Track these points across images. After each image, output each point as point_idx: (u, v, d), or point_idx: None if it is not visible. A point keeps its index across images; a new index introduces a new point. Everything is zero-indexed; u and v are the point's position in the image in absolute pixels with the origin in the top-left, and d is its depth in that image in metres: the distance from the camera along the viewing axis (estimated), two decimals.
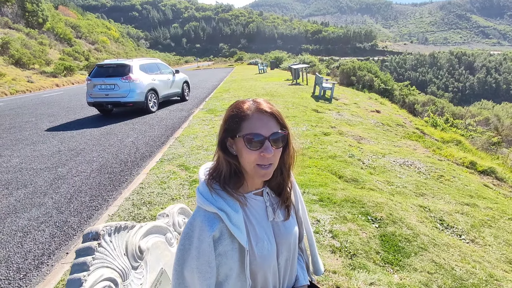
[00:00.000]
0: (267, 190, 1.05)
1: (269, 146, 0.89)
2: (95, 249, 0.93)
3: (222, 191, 0.95)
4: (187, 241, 0.90)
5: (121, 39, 61.13)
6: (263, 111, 0.91)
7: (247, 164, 0.91)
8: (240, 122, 0.90)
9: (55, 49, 30.51)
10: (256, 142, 0.88)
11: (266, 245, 0.98)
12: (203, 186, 0.97)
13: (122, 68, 8.72)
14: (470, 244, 2.90)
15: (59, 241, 2.88)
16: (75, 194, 3.87)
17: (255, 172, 0.92)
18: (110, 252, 0.99)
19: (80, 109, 10.43)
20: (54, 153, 5.58)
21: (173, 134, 6.61)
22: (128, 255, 1.07)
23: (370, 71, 19.88)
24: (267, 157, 0.89)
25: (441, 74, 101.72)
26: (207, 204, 0.91)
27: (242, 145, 0.90)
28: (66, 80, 23.82)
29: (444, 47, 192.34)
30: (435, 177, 4.72)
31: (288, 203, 1.08)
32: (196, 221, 0.92)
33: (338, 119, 8.23)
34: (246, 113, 0.91)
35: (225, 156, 0.94)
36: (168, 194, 3.56)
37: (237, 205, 0.94)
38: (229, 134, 0.93)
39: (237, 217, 0.93)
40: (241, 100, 0.96)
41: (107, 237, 1.00)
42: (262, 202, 1.03)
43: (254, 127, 0.89)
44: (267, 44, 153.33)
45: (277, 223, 1.05)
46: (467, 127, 13.80)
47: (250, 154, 0.89)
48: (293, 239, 1.08)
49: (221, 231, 0.91)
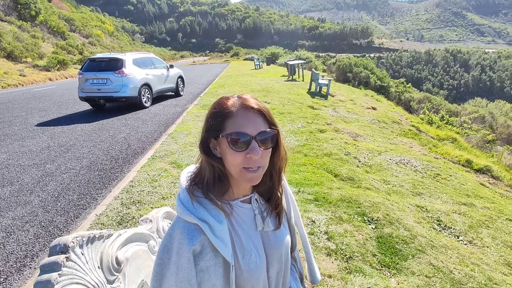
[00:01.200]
0: (256, 196, 0.95)
1: (256, 146, 0.79)
2: (62, 264, 0.82)
3: (205, 199, 0.84)
4: (165, 254, 0.80)
5: (116, 33, 60.33)
6: (249, 108, 0.81)
7: (232, 167, 0.81)
8: (223, 120, 0.80)
9: (48, 42, 29.97)
10: (241, 143, 0.78)
11: (253, 258, 0.88)
12: (183, 193, 0.86)
13: (115, 62, 8.53)
14: (468, 245, 2.84)
15: (44, 242, 2.76)
16: (63, 192, 3.75)
17: (242, 176, 0.82)
18: (81, 266, 0.88)
19: (72, 104, 10.22)
20: (43, 149, 5.43)
21: (166, 130, 6.48)
22: (103, 268, 0.97)
23: (366, 68, 19.82)
24: (254, 159, 0.79)
25: (436, 72, 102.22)
26: (186, 213, 0.81)
27: (226, 146, 0.80)
28: (59, 74, 23.42)
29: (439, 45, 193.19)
30: (431, 175, 4.66)
31: (279, 209, 0.98)
32: (175, 232, 0.81)
33: (334, 116, 8.15)
34: (230, 110, 0.80)
35: (207, 158, 0.84)
36: (159, 193, 3.44)
37: (221, 215, 0.84)
38: (211, 134, 0.83)
39: (221, 228, 0.82)
40: (225, 96, 0.86)
41: (77, 249, 0.89)
42: (250, 210, 0.93)
43: (239, 125, 0.79)
44: (263, 40, 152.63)
45: (266, 233, 0.95)
46: (462, 125, 13.82)
47: (235, 156, 0.79)
48: (285, 249, 0.99)
49: (202, 244, 0.81)
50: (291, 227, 1.06)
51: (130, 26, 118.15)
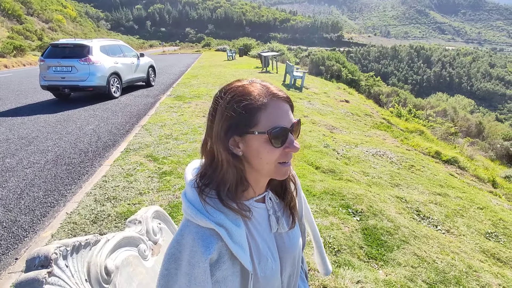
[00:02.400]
0: (270, 194, 0.85)
1: (293, 139, 0.72)
2: (43, 281, 0.68)
3: (218, 200, 0.73)
4: (172, 264, 0.68)
5: (79, 19, 56.80)
6: (280, 97, 0.71)
7: (265, 165, 0.71)
8: (255, 113, 0.68)
9: (2, 26, 27.64)
10: (281, 138, 0.69)
11: (270, 264, 0.79)
12: (192, 192, 0.74)
13: (80, 49, 7.97)
14: (446, 234, 2.93)
15: (6, 245, 2.49)
16: (26, 188, 3.43)
17: (276, 171, 0.73)
18: (66, 281, 0.74)
19: (32, 93, 9.48)
20: (1, 142, 4.97)
21: (138, 121, 6.17)
22: (91, 281, 0.83)
23: (338, 61, 20.17)
24: (292, 153, 0.73)
25: (401, 67, 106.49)
26: (200, 217, 0.69)
27: (261, 143, 0.69)
28: (16, 61, 21.68)
29: (404, 41, 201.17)
30: (406, 167, 4.80)
31: (293, 203, 0.89)
32: (186, 239, 0.69)
33: (309, 108, 8.18)
34: (261, 101, 0.69)
35: (234, 161, 0.71)
36: (135, 188, 3.24)
37: (238, 218, 0.73)
38: (238, 131, 0.70)
39: (240, 233, 0.72)
40: (244, 84, 0.72)
41: (61, 262, 0.75)
42: (264, 210, 0.83)
43: (276, 118, 0.69)
44: (235, 31, 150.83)
45: (280, 235, 0.85)
46: (427, 118, 14.49)
47: (273, 153, 0.70)
48: (298, 251, 0.90)
49: (219, 252, 0.70)
50: (302, 226, 0.99)
51: (94, 12, 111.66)
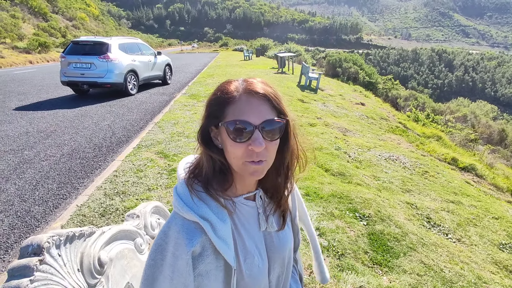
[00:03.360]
0: (261, 193, 0.85)
1: (259, 137, 0.67)
2: (34, 268, 0.70)
3: (205, 194, 0.74)
4: (159, 255, 0.69)
5: (101, 17, 58.36)
6: (253, 92, 0.70)
7: (233, 160, 0.71)
8: (224, 106, 0.70)
9: (29, 23, 28.70)
10: (243, 132, 0.67)
11: (256, 261, 0.79)
12: (182, 186, 0.75)
13: (99, 46, 8.19)
14: (457, 243, 2.84)
15: (19, 233, 2.59)
16: (41, 180, 3.55)
17: (244, 169, 0.71)
18: (57, 269, 0.77)
19: (53, 89, 9.79)
20: (21, 135, 5.16)
21: (152, 118, 6.27)
22: (84, 271, 0.85)
23: (355, 63, 19.88)
24: (257, 152, 0.68)
25: (422, 70, 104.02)
26: (186, 210, 0.70)
27: (225, 136, 0.70)
28: (41, 57, 22.49)
29: (426, 44, 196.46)
30: (420, 172, 4.68)
31: (284, 208, 0.88)
32: (172, 230, 0.71)
33: (323, 110, 8.11)
34: (232, 95, 0.70)
35: (205, 149, 0.73)
36: (145, 183, 3.30)
37: (224, 213, 0.74)
38: (211, 122, 0.72)
39: (224, 228, 0.72)
40: (229, 80, 0.75)
41: (53, 250, 0.78)
42: (253, 208, 0.83)
43: (241, 112, 0.68)
44: (253, 31, 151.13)
45: (270, 234, 0.85)
46: (446, 123, 14.08)
47: (235, 148, 0.69)
48: (288, 252, 0.90)
49: (203, 245, 0.71)
50: (295, 226, 0.98)
51: (116, 10, 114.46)
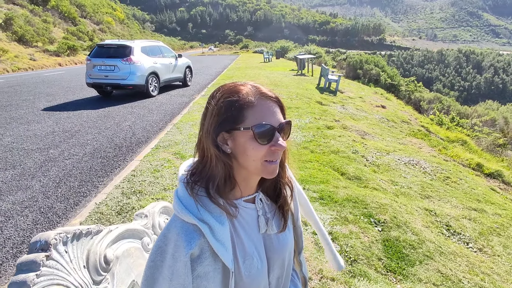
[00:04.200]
0: (261, 196, 0.86)
1: (280, 138, 0.74)
2: (41, 263, 0.74)
3: (206, 197, 0.75)
4: (159, 257, 0.72)
5: (127, 21, 60.19)
6: (268, 97, 0.75)
7: (252, 162, 0.73)
8: (242, 110, 0.72)
9: (59, 27, 30.02)
10: (267, 135, 0.72)
11: (255, 263, 0.79)
12: (182, 189, 0.77)
13: (123, 49, 8.46)
14: (478, 253, 2.72)
15: (42, 229, 2.71)
16: (64, 178, 3.70)
17: (263, 169, 0.74)
18: (63, 265, 0.80)
19: (79, 90, 10.20)
20: (48, 134, 5.40)
21: (171, 120, 6.40)
22: (89, 268, 0.88)
23: (377, 65, 19.48)
24: (278, 151, 0.74)
25: (448, 72, 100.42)
26: (185, 213, 0.72)
27: (247, 139, 0.72)
28: (69, 60, 23.50)
29: (453, 45, 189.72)
30: (441, 178, 4.52)
31: (286, 208, 0.89)
32: (171, 233, 0.73)
33: (342, 112, 7.99)
34: (249, 100, 0.72)
35: (221, 156, 0.74)
36: (161, 183, 3.37)
37: (223, 216, 0.75)
38: (226, 127, 0.73)
39: (223, 230, 0.73)
40: (236, 83, 0.77)
41: (60, 247, 0.81)
42: (253, 211, 0.84)
43: (262, 116, 0.72)
44: (273, 33, 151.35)
45: (269, 236, 0.86)
46: (473, 127, 13.51)
47: (258, 150, 0.72)
48: (288, 254, 0.90)
49: (201, 248, 0.72)
50: (297, 228, 0.98)
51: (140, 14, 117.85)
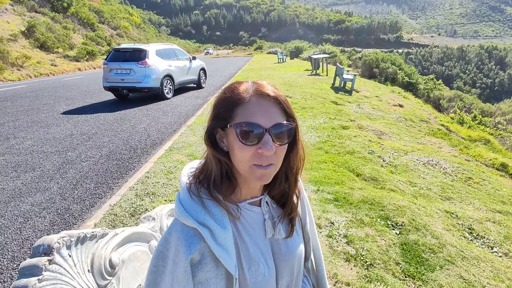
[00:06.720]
0: (267, 198, 0.82)
1: (269, 141, 0.66)
2: (43, 267, 0.73)
3: (209, 200, 0.72)
4: (160, 261, 0.69)
5: (143, 25, 61.50)
6: (264, 95, 0.69)
7: (240, 163, 0.69)
8: (233, 107, 0.69)
9: (79, 33, 30.93)
10: (252, 135, 0.66)
11: (261, 269, 0.75)
12: (184, 192, 0.75)
13: (138, 53, 8.61)
14: (504, 258, 2.58)
15: (58, 230, 2.76)
16: (81, 180, 3.77)
17: (251, 173, 0.69)
18: (67, 269, 0.79)
19: (97, 94, 10.45)
20: (66, 137, 5.54)
21: (186, 122, 6.45)
22: (94, 272, 0.87)
23: (394, 64, 19.05)
24: (266, 156, 0.67)
25: (468, 69, 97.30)
26: (185, 216, 0.69)
27: (233, 138, 0.68)
28: (88, 65, 24.19)
29: (474, 41, 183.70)
30: (462, 179, 4.35)
31: (293, 215, 0.85)
32: (172, 237, 0.70)
33: (358, 112, 7.84)
34: (242, 96, 0.69)
35: (214, 152, 0.72)
36: (174, 185, 3.39)
37: (225, 219, 0.72)
38: (218, 124, 0.71)
39: (225, 235, 0.70)
40: (238, 81, 0.74)
41: (64, 251, 0.80)
42: (259, 214, 0.80)
43: (251, 114, 0.67)
44: (287, 34, 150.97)
45: (277, 241, 0.82)
46: (496, 126, 13.01)
47: (244, 151, 0.67)
48: (297, 260, 0.86)
49: (202, 253, 0.69)
50: (305, 234, 0.93)
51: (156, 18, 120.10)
